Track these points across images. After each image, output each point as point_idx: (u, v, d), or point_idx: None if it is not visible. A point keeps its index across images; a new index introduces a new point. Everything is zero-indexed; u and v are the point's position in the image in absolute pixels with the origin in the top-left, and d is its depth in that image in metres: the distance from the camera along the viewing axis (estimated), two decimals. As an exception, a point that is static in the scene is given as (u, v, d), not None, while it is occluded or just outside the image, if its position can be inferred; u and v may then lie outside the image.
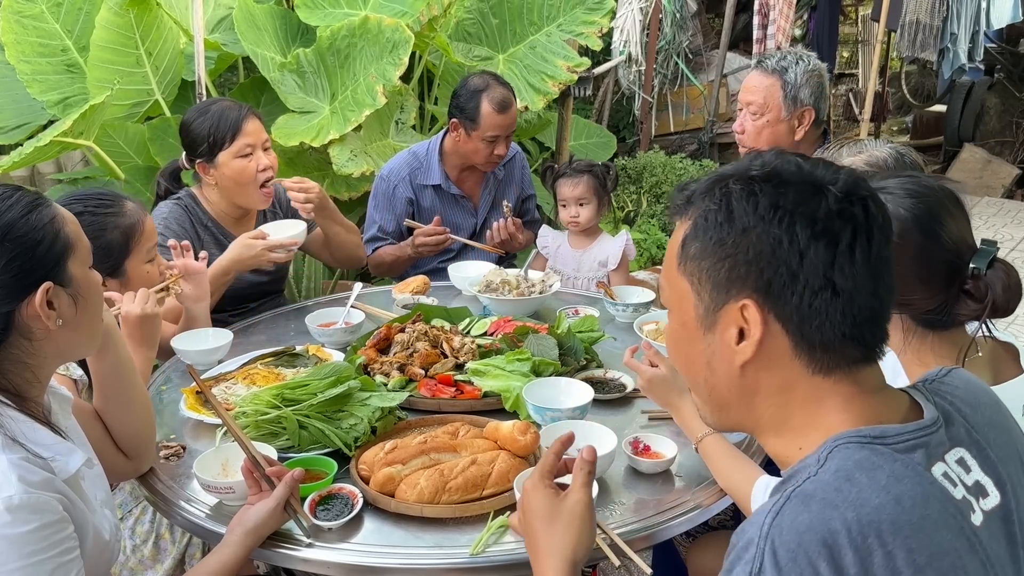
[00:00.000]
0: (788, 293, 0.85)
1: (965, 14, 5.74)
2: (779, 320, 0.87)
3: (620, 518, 1.42)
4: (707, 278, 0.90)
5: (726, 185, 0.89)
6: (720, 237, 0.88)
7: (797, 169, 0.88)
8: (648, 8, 6.27)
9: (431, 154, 2.96)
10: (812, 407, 0.89)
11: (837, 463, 0.82)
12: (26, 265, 1.12)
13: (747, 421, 0.95)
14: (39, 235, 1.14)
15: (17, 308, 1.12)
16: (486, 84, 2.78)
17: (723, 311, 0.89)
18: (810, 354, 0.88)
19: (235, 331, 2.18)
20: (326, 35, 3.74)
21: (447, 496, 1.41)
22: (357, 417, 1.62)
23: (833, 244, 0.84)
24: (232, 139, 2.37)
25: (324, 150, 3.65)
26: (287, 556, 1.36)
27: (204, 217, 2.46)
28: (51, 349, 1.18)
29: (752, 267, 0.86)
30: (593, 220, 2.82)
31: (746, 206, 0.87)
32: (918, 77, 9.05)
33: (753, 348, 0.88)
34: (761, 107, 2.31)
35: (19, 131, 3.88)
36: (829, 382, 0.88)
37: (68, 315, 1.18)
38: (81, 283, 1.20)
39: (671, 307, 0.97)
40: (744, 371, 0.90)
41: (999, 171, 7.10)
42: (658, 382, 1.59)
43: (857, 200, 0.86)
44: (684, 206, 0.94)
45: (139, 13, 3.48)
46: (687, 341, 0.95)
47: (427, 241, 2.83)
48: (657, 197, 5.57)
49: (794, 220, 0.84)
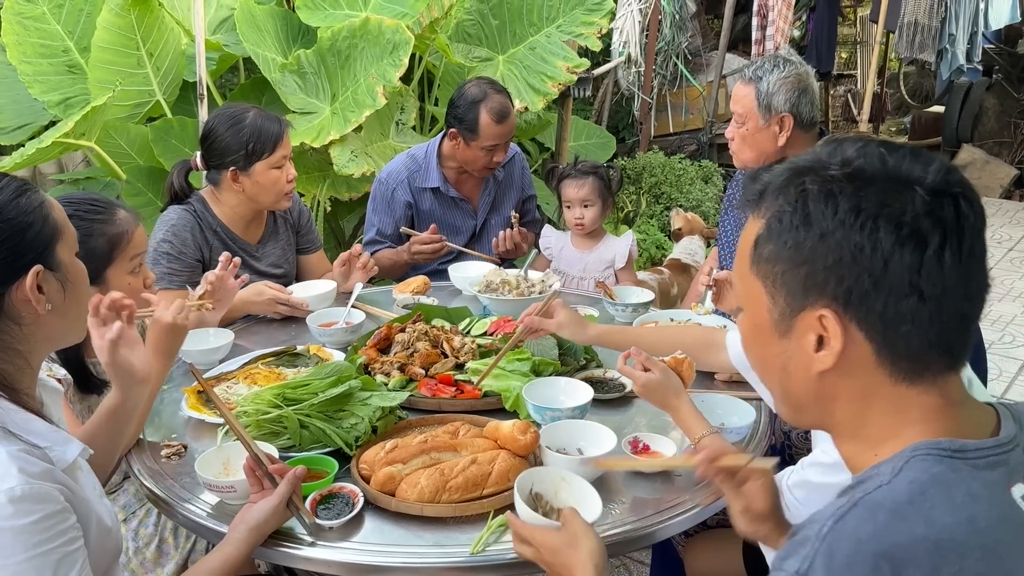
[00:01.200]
0: (870, 301, 0.80)
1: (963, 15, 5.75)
2: (861, 329, 0.82)
3: (619, 517, 1.43)
4: (782, 283, 0.85)
5: (803, 184, 0.83)
6: (796, 241, 0.83)
7: (881, 164, 0.82)
8: (647, 9, 6.28)
9: (429, 157, 2.95)
10: (893, 416, 0.84)
11: (912, 474, 0.78)
12: (17, 248, 1.12)
13: (823, 423, 0.91)
14: (29, 218, 1.14)
15: (7, 292, 1.12)
16: (484, 93, 2.77)
17: (800, 318, 0.84)
18: (894, 363, 0.82)
19: (236, 331, 2.19)
20: (327, 36, 3.75)
21: (447, 495, 1.42)
22: (358, 416, 1.63)
23: (920, 249, 0.78)
24: (272, 151, 2.39)
25: (325, 150, 3.66)
26: (288, 555, 1.37)
27: (213, 222, 2.47)
28: (41, 335, 1.18)
29: (831, 274, 0.81)
30: (598, 222, 2.83)
31: (824, 209, 0.81)
32: (916, 78, 9.06)
33: (834, 359, 0.83)
34: (742, 116, 2.34)
35: (20, 132, 3.89)
36: (913, 392, 0.83)
37: (57, 300, 1.18)
38: (69, 269, 1.20)
39: (744, 305, 0.93)
40: (822, 378, 0.85)
41: (997, 171, 7.11)
42: (653, 386, 1.58)
43: (947, 198, 0.79)
44: (756, 200, 0.88)
45: (140, 14, 3.49)
46: (761, 343, 0.91)
47: (423, 249, 2.83)
48: (656, 197, 5.58)
49: (877, 224, 0.78)
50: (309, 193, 3.82)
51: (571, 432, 1.60)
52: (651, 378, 1.58)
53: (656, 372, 1.58)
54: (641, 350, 1.63)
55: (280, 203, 2.50)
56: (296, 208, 2.69)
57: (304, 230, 2.70)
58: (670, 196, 5.55)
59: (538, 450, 1.54)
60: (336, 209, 4.13)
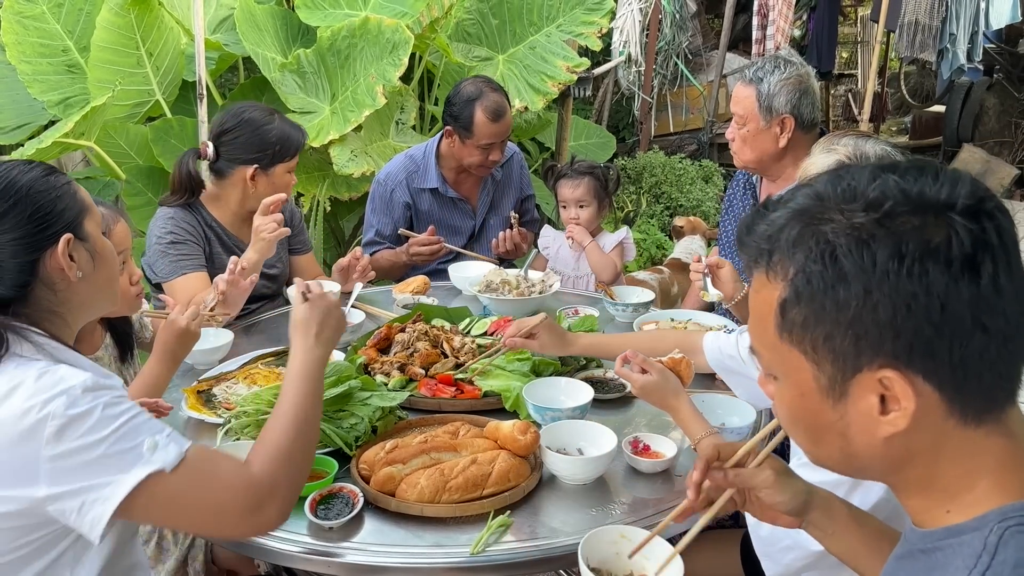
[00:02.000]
0: (936, 350, 0.72)
1: (964, 14, 5.74)
2: (928, 381, 0.74)
3: (619, 517, 1.43)
4: (826, 348, 0.76)
5: (823, 234, 0.75)
6: (836, 302, 0.74)
7: (903, 195, 0.74)
8: (648, 9, 6.28)
9: (428, 157, 2.95)
10: (962, 464, 0.77)
11: (1015, 556, 0.70)
12: (48, 218, 1.23)
13: (887, 479, 0.84)
14: (58, 192, 1.26)
15: (41, 258, 1.23)
16: (479, 92, 2.77)
17: (855, 381, 0.76)
18: (964, 407, 0.75)
19: (236, 331, 2.19)
20: (326, 36, 3.75)
21: (447, 495, 1.42)
22: (358, 417, 1.63)
23: (975, 280, 0.71)
24: (293, 156, 2.49)
25: (324, 150, 3.66)
26: (288, 555, 1.37)
27: (209, 218, 2.47)
28: (75, 301, 1.28)
29: (886, 331, 0.73)
30: (593, 222, 2.82)
31: (861, 262, 0.72)
32: (917, 77, 9.06)
33: (907, 420, 0.75)
34: (743, 117, 2.34)
35: (20, 131, 3.89)
36: (981, 433, 0.76)
37: (87, 269, 1.28)
38: (97, 242, 1.31)
39: (781, 375, 0.83)
40: (891, 439, 0.77)
41: (998, 171, 7.11)
42: (652, 388, 1.58)
43: (986, 218, 0.72)
44: (765, 254, 0.80)
45: (140, 13, 3.49)
46: (811, 413, 0.81)
47: (421, 251, 2.83)
48: (657, 197, 5.58)
49: (926, 267, 0.70)
50: (309, 193, 3.82)
51: (571, 432, 1.60)
52: (649, 380, 1.57)
53: (654, 373, 1.58)
54: (638, 352, 1.62)
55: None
56: (288, 209, 2.68)
57: (296, 231, 2.71)
58: (670, 196, 5.55)
59: (538, 450, 1.54)
60: (336, 209, 4.13)
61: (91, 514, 1.08)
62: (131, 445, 1.10)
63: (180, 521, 1.23)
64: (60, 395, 1.08)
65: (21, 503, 1.08)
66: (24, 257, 1.21)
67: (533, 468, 1.53)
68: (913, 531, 0.81)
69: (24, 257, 1.21)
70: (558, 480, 1.53)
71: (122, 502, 1.07)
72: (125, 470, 1.08)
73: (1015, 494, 0.74)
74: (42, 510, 1.09)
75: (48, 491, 1.07)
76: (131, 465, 1.09)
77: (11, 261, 1.21)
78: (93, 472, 1.07)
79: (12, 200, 1.21)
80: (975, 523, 0.74)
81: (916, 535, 0.80)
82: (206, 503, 1.15)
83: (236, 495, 1.16)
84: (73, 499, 1.07)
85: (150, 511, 1.13)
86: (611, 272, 2.76)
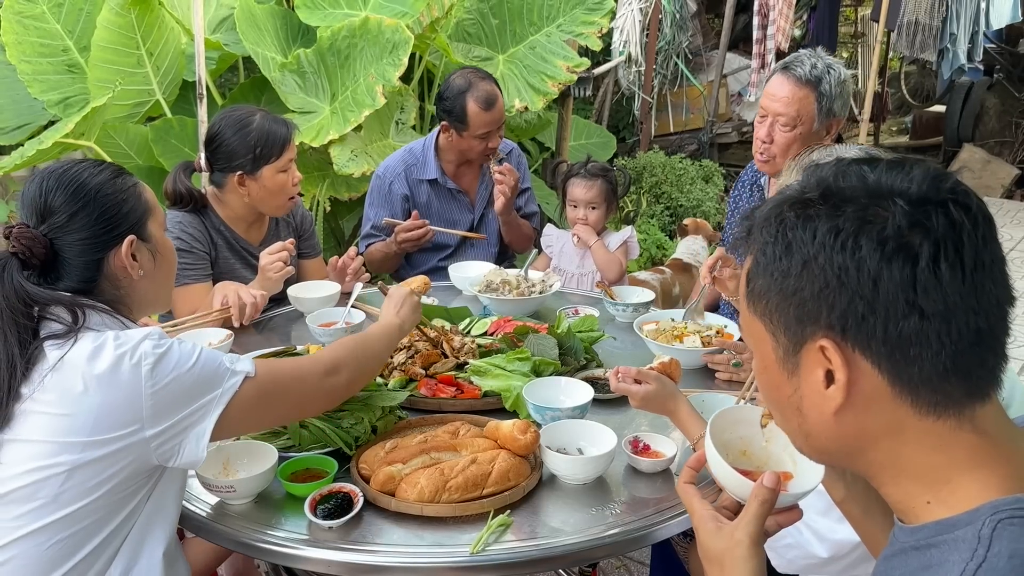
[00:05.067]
0: (868, 325, 0.75)
1: (964, 14, 5.75)
2: (866, 357, 0.76)
3: (619, 517, 1.43)
4: (778, 318, 0.81)
5: (781, 213, 0.80)
6: (782, 272, 0.79)
7: (860, 181, 0.78)
8: (648, 8, 6.28)
9: (427, 149, 2.96)
10: (934, 456, 0.78)
11: (1009, 547, 0.70)
12: (114, 220, 1.33)
13: (856, 466, 0.84)
14: (125, 195, 1.36)
15: (106, 256, 1.33)
16: (468, 83, 2.77)
17: (803, 353, 0.80)
18: (913, 393, 0.76)
19: (235, 331, 2.19)
20: (326, 35, 3.75)
21: (447, 495, 1.42)
22: (358, 416, 1.63)
23: (911, 263, 0.73)
24: (279, 155, 2.39)
25: (324, 150, 3.66)
26: (288, 555, 1.37)
27: (217, 222, 2.47)
28: (136, 297, 1.39)
29: (822, 302, 0.76)
30: (601, 224, 2.83)
31: (803, 235, 0.77)
32: (917, 77, 9.07)
33: (843, 392, 0.77)
34: (794, 119, 2.23)
35: (20, 131, 3.89)
36: (945, 427, 0.77)
37: (148, 268, 1.39)
38: (159, 242, 1.42)
39: (752, 347, 0.89)
40: (839, 417, 0.79)
41: (998, 171, 7.11)
42: (651, 398, 1.59)
43: (935, 206, 0.74)
44: (745, 239, 0.85)
45: (140, 13, 3.49)
46: (774, 385, 0.86)
47: (408, 236, 2.83)
48: (657, 197, 5.58)
49: (859, 243, 0.74)
50: (309, 193, 3.82)
51: (571, 432, 1.60)
52: (648, 389, 1.59)
53: (650, 382, 1.59)
54: (630, 367, 1.63)
55: (282, 209, 2.51)
56: (299, 213, 2.69)
57: (306, 235, 2.71)
58: (670, 196, 5.55)
59: (538, 450, 1.54)
60: (336, 209, 4.13)
61: (196, 430, 1.23)
62: (214, 366, 1.27)
63: (268, 414, 1.39)
64: (145, 339, 1.22)
65: (128, 441, 1.19)
66: (90, 256, 1.32)
67: (533, 468, 1.53)
68: (901, 529, 0.81)
69: (90, 256, 1.32)
70: (558, 480, 1.53)
71: (223, 411, 1.25)
72: (218, 385, 1.26)
73: (998, 490, 0.75)
74: (146, 450, 1.21)
75: (154, 428, 1.20)
76: (223, 379, 1.27)
77: (78, 259, 1.31)
78: (192, 396, 1.23)
79: (82, 202, 1.31)
80: (968, 517, 0.74)
81: (905, 532, 0.80)
82: (288, 383, 1.37)
83: (314, 362, 1.42)
84: (177, 427, 1.22)
85: (248, 415, 1.31)
86: (616, 270, 2.76)
